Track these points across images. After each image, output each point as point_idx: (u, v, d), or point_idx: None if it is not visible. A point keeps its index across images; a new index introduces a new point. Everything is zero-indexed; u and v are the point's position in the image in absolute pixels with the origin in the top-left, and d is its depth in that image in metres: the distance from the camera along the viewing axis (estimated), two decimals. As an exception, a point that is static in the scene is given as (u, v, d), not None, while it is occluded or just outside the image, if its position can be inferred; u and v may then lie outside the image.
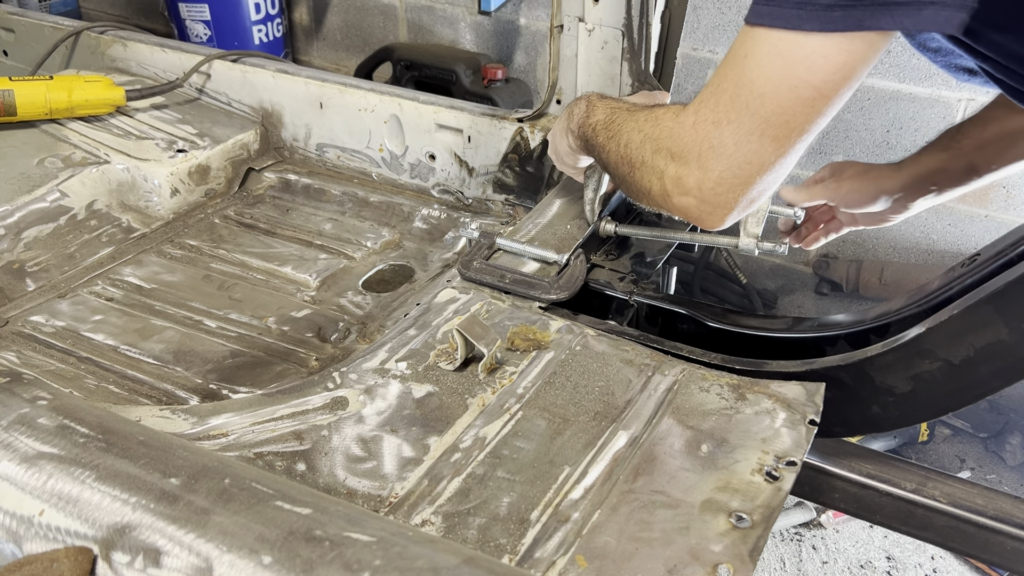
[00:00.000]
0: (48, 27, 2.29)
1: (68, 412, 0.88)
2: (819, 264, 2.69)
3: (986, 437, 2.59)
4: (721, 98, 0.94)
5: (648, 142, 1.05)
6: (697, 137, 0.96)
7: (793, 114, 0.90)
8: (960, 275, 1.17)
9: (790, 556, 2.31)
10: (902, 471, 1.20)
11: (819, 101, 0.89)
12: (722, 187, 0.96)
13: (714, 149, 0.95)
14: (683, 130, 0.99)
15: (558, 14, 1.64)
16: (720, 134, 0.94)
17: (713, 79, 0.96)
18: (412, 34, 3.26)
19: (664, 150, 1.02)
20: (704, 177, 0.96)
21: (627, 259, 1.45)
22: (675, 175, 1.00)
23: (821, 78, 0.87)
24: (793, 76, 0.88)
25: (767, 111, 0.90)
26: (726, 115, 0.93)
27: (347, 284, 1.65)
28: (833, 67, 0.87)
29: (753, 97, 0.90)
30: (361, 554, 0.71)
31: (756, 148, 0.92)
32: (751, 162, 0.93)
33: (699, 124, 0.96)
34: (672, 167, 1.00)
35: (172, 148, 1.89)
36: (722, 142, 0.94)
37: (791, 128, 0.91)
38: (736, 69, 0.92)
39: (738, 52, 0.92)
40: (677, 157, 0.99)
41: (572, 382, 1.13)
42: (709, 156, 0.95)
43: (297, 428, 1.06)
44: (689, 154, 0.97)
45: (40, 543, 0.78)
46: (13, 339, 1.45)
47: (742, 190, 0.96)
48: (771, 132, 0.91)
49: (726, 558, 0.83)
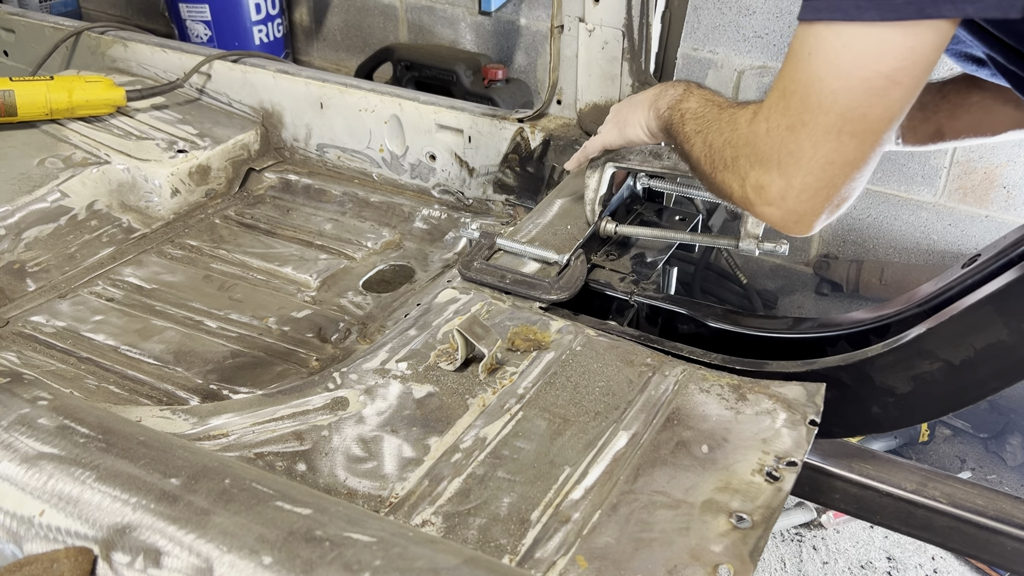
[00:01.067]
0: (48, 27, 2.29)
1: (68, 412, 0.88)
2: (819, 264, 2.69)
3: (986, 437, 2.59)
4: (791, 101, 0.90)
5: (728, 147, 1.02)
6: (773, 144, 0.93)
7: (869, 107, 0.86)
8: (960, 276, 1.17)
9: (790, 556, 2.31)
10: (902, 471, 1.20)
11: (893, 90, 0.86)
12: (807, 193, 0.92)
13: (792, 155, 0.91)
14: (758, 137, 0.95)
15: (558, 14, 1.64)
16: (796, 138, 0.90)
17: (778, 82, 0.93)
18: (412, 34, 3.26)
19: (744, 157, 0.98)
20: (787, 185, 0.93)
21: (627, 259, 1.45)
22: (756, 183, 0.96)
23: (891, 66, 0.84)
24: (863, 67, 0.85)
25: (841, 107, 0.87)
26: (799, 117, 0.90)
27: (347, 284, 1.65)
28: (902, 54, 0.83)
29: (825, 95, 0.87)
30: (361, 554, 0.71)
31: (836, 147, 0.89)
32: (833, 162, 0.90)
33: (772, 131, 0.93)
34: (753, 175, 0.96)
35: (172, 148, 1.89)
36: (800, 146, 0.90)
37: (869, 121, 0.87)
38: (802, 69, 0.89)
39: (800, 51, 0.89)
40: (757, 165, 0.96)
41: (572, 382, 1.13)
42: (789, 163, 0.92)
43: (297, 428, 1.06)
44: (769, 162, 0.94)
45: (40, 543, 0.78)
46: (13, 339, 1.45)
47: (828, 193, 0.92)
48: (849, 128, 0.88)
49: (726, 558, 0.83)
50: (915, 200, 2.49)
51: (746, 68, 2.60)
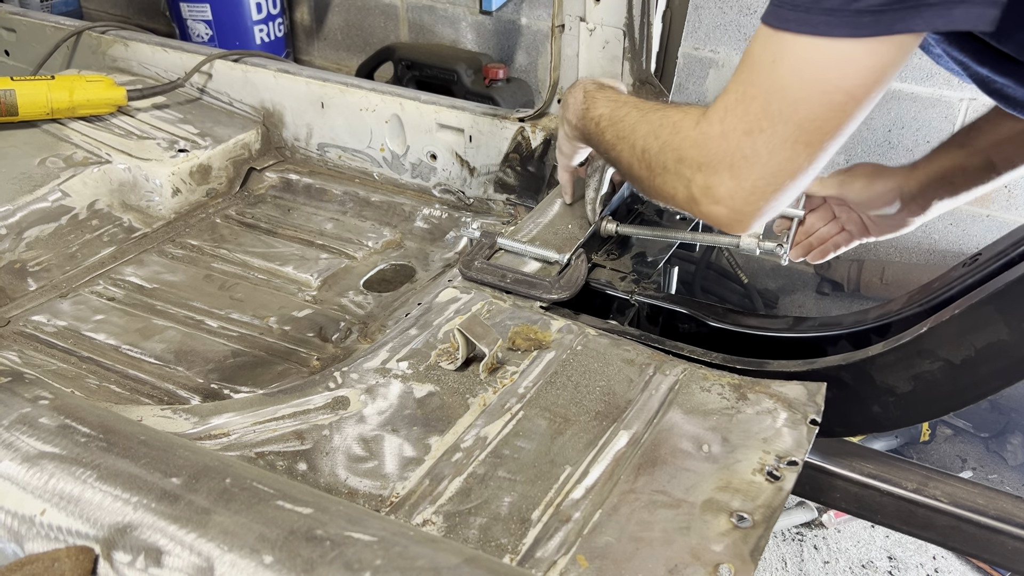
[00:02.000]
0: (49, 27, 2.29)
1: (69, 412, 0.88)
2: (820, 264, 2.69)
3: (987, 437, 2.59)
4: (751, 106, 0.92)
5: (668, 150, 1.03)
6: (727, 147, 0.94)
7: (826, 119, 0.89)
8: (961, 275, 1.17)
9: (791, 556, 2.31)
10: (903, 471, 1.20)
11: (851, 105, 0.88)
12: (755, 195, 0.95)
13: (747, 159, 0.93)
14: (710, 140, 0.97)
15: (559, 14, 1.64)
16: (753, 143, 0.92)
17: (735, 85, 0.94)
18: (413, 34, 3.26)
19: (689, 159, 1.00)
20: (737, 187, 0.95)
21: (628, 259, 1.45)
22: (704, 184, 0.98)
23: (853, 83, 0.86)
24: (825, 82, 0.87)
25: (801, 118, 0.89)
26: (758, 123, 0.91)
27: (348, 284, 1.65)
28: (865, 71, 0.86)
29: (786, 104, 0.89)
30: (362, 554, 0.71)
31: (790, 155, 0.91)
32: (785, 169, 0.92)
33: (728, 134, 0.94)
34: (700, 176, 0.98)
35: (173, 148, 1.89)
36: (756, 151, 0.92)
37: (824, 133, 0.90)
38: (764, 75, 0.91)
39: (763, 57, 0.91)
40: (705, 167, 0.97)
41: (573, 382, 1.13)
42: (742, 166, 0.94)
43: (298, 428, 1.06)
44: (720, 164, 0.96)
45: (41, 542, 0.78)
46: (15, 339, 1.45)
47: (773, 196, 0.95)
48: (805, 138, 0.90)
49: (727, 558, 0.83)
50: (916, 199, 2.49)
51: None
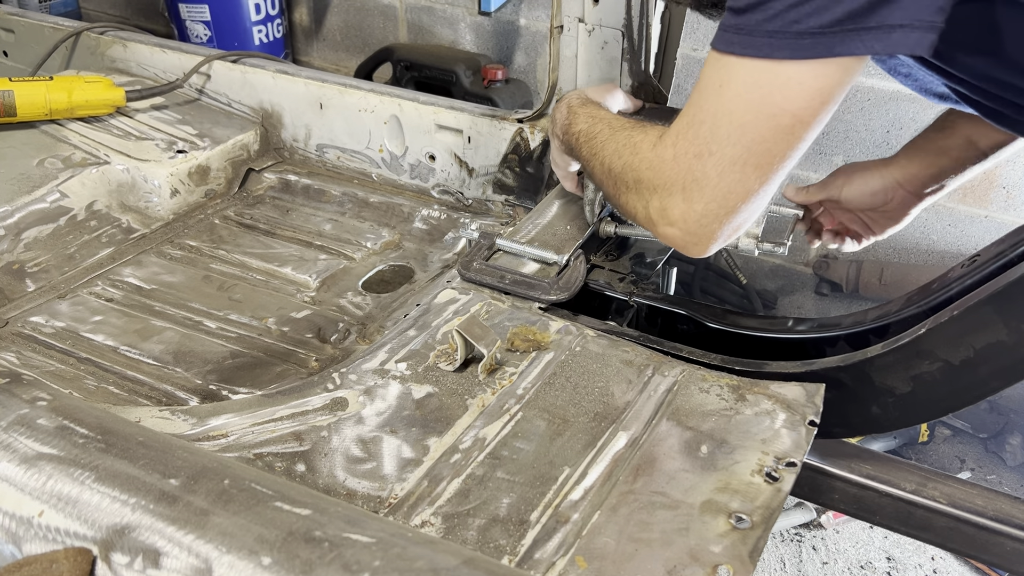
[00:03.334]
0: (48, 28, 2.29)
1: (68, 413, 0.88)
2: (819, 265, 2.69)
3: (986, 438, 2.59)
4: (700, 130, 0.94)
5: (629, 170, 1.06)
6: (679, 170, 0.96)
7: (774, 142, 0.90)
8: (960, 276, 1.17)
9: (790, 557, 2.31)
10: (902, 472, 1.20)
11: (799, 128, 0.89)
12: (707, 218, 0.96)
13: (697, 181, 0.95)
14: (663, 163, 0.99)
15: (558, 15, 1.64)
16: (703, 166, 0.94)
17: (688, 109, 0.96)
18: (412, 35, 3.26)
19: (646, 181, 1.02)
20: (689, 209, 0.97)
21: (627, 260, 1.45)
22: (659, 206, 1.00)
23: (799, 105, 0.88)
24: (771, 104, 0.88)
25: (748, 140, 0.90)
26: (707, 147, 0.93)
27: (347, 285, 1.65)
28: (809, 93, 0.87)
29: (733, 128, 0.91)
30: (360, 555, 0.70)
31: (739, 178, 0.93)
32: (735, 192, 0.94)
33: (680, 157, 0.96)
34: (656, 199, 1.01)
35: (172, 149, 1.89)
36: (705, 174, 0.94)
37: (773, 156, 0.91)
38: (712, 100, 0.93)
39: (711, 82, 0.93)
40: (660, 189, 1.00)
41: (572, 383, 1.13)
42: (693, 189, 0.95)
43: (297, 429, 1.06)
44: (672, 186, 0.98)
45: (39, 544, 0.78)
46: (13, 340, 1.45)
47: (726, 219, 0.97)
48: (753, 161, 0.91)
49: (726, 559, 0.83)
50: (915, 200, 2.49)
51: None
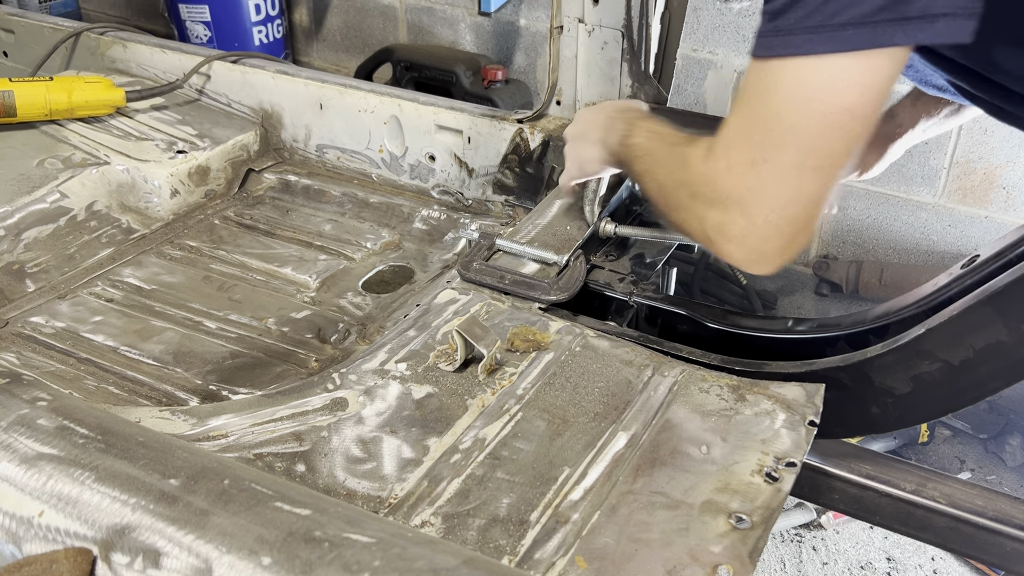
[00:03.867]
0: (48, 28, 2.29)
1: (68, 413, 0.88)
2: (819, 265, 2.69)
3: (986, 438, 2.59)
4: (752, 138, 0.89)
5: (682, 187, 1.00)
6: (734, 181, 0.91)
7: (830, 140, 0.86)
8: (960, 276, 1.17)
9: (790, 557, 2.31)
10: (902, 472, 1.20)
11: (853, 123, 0.85)
12: (768, 229, 0.90)
13: (754, 191, 0.89)
14: (717, 176, 0.93)
15: (558, 15, 1.64)
16: (758, 175, 0.88)
17: (734, 118, 0.92)
18: (412, 35, 3.26)
19: (700, 196, 0.96)
20: (748, 223, 0.91)
21: (627, 260, 1.45)
22: (717, 223, 0.94)
23: (849, 99, 0.84)
24: (820, 102, 0.84)
25: (802, 142, 0.86)
26: (760, 154, 0.88)
27: (347, 285, 1.65)
28: (858, 87, 0.83)
29: (785, 131, 0.86)
30: (360, 555, 0.71)
31: (799, 183, 0.88)
32: (796, 199, 0.89)
33: (733, 167, 0.91)
34: (713, 214, 0.94)
35: (172, 149, 1.89)
36: (762, 183, 0.88)
37: (830, 156, 0.87)
38: (760, 106, 0.89)
39: (756, 88, 0.89)
40: (716, 204, 0.93)
41: (572, 383, 1.13)
42: (750, 200, 0.90)
43: (297, 429, 1.06)
44: (729, 199, 0.92)
45: (40, 544, 0.78)
46: (13, 340, 1.45)
47: (788, 230, 0.90)
48: (811, 163, 0.87)
49: (726, 559, 0.83)
50: (914, 201, 2.50)
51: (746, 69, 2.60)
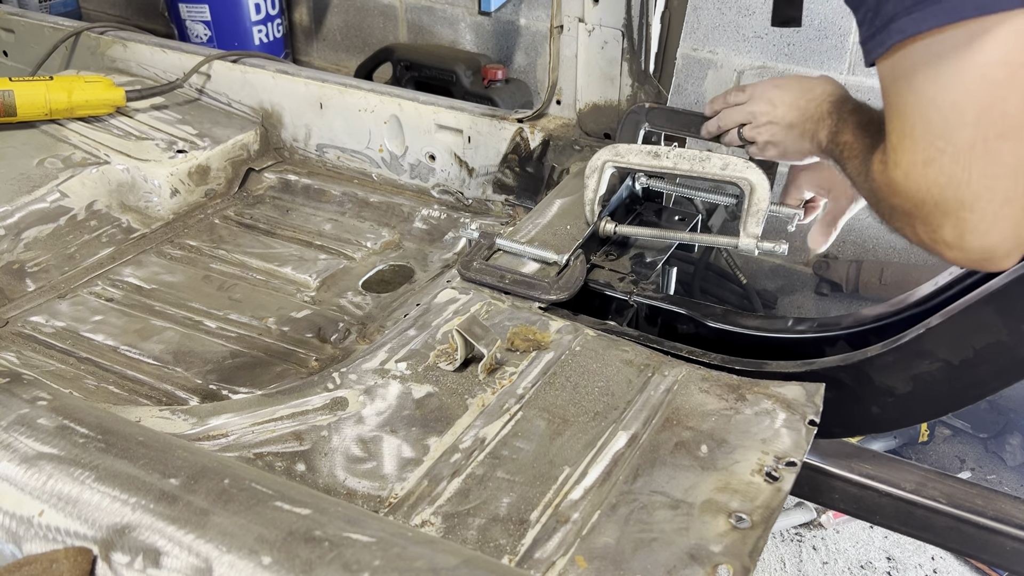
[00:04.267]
0: (48, 28, 2.29)
1: (68, 413, 0.88)
2: (819, 265, 2.69)
3: (986, 437, 2.59)
4: (914, 134, 0.82)
5: (880, 201, 0.93)
6: (917, 186, 0.83)
7: (1003, 99, 0.76)
8: (960, 275, 1.17)
9: (790, 556, 2.31)
10: (902, 471, 1.20)
11: (1019, 71, 0.75)
12: (986, 220, 0.80)
13: (945, 188, 0.80)
14: (897, 187, 0.86)
15: (558, 14, 1.64)
16: (941, 170, 0.80)
17: (890, 124, 0.86)
18: (412, 34, 3.26)
19: (898, 211, 0.89)
20: (958, 224, 0.82)
21: (627, 259, 1.45)
22: (927, 232, 0.86)
23: (999, 52, 0.74)
24: (970, 66, 0.76)
25: (972, 115, 0.77)
26: (933, 147, 0.80)
27: (347, 284, 1.65)
28: (1004, 38, 0.74)
29: (947, 112, 0.78)
30: (360, 554, 0.71)
31: (990, 159, 0.78)
32: (996, 175, 0.78)
33: (910, 174, 0.83)
34: (918, 226, 0.87)
35: (172, 148, 1.89)
36: (949, 177, 0.80)
37: (1012, 115, 0.76)
38: (907, 99, 0.81)
39: (894, 85, 0.83)
40: (913, 214, 0.86)
41: (572, 382, 1.13)
42: (946, 199, 0.81)
43: (297, 429, 1.06)
44: (923, 207, 0.84)
45: (40, 543, 0.78)
46: (13, 339, 1.45)
47: (1010, 212, 0.80)
48: (993, 132, 0.77)
49: (726, 559, 0.83)
50: (915, 200, 2.49)
51: (746, 68, 2.60)
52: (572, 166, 1.73)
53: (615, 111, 1.70)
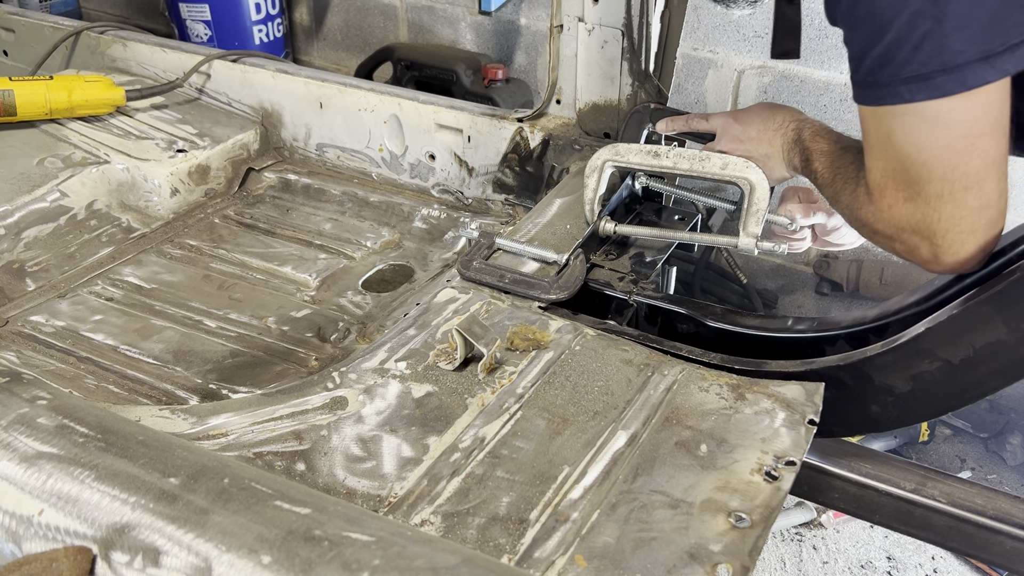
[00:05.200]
0: (48, 27, 2.29)
1: (68, 412, 0.88)
2: (819, 264, 2.69)
3: (986, 437, 2.59)
4: (896, 178, 0.98)
5: (863, 225, 1.09)
6: (900, 217, 1.00)
7: (965, 163, 0.92)
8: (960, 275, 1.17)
9: (790, 556, 2.31)
10: (902, 471, 1.20)
11: (979, 141, 0.91)
12: (955, 245, 0.98)
13: (923, 221, 0.98)
14: (883, 215, 1.02)
15: (558, 14, 1.64)
16: (917, 207, 0.97)
17: (873, 163, 1.01)
18: (412, 34, 3.26)
19: (882, 232, 1.05)
20: (933, 245, 0.99)
21: (627, 259, 1.45)
22: (906, 250, 1.03)
23: (964, 128, 0.90)
24: (938, 138, 0.91)
25: (940, 173, 0.93)
26: (910, 190, 0.97)
27: (347, 284, 1.65)
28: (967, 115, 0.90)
29: (919, 169, 0.94)
30: (360, 554, 0.71)
31: (955, 205, 0.95)
32: (962, 216, 0.95)
33: (894, 206, 1.00)
34: (898, 245, 1.04)
35: (172, 148, 1.89)
36: (925, 214, 0.97)
37: (973, 173, 0.92)
38: (890, 150, 0.97)
39: (878, 134, 0.98)
40: (896, 236, 1.03)
41: (571, 382, 1.13)
42: (924, 228, 0.98)
43: (296, 428, 1.06)
44: (905, 231, 1.01)
45: (39, 543, 0.78)
46: (13, 339, 1.45)
47: (973, 236, 0.97)
48: (959, 185, 0.93)
49: (725, 558, 0.83)
50: (915, 200, 2.49)
51: (746, 68, 2.60)
52: (572, 165, 1.73)
53: (615, 111, 1.70)
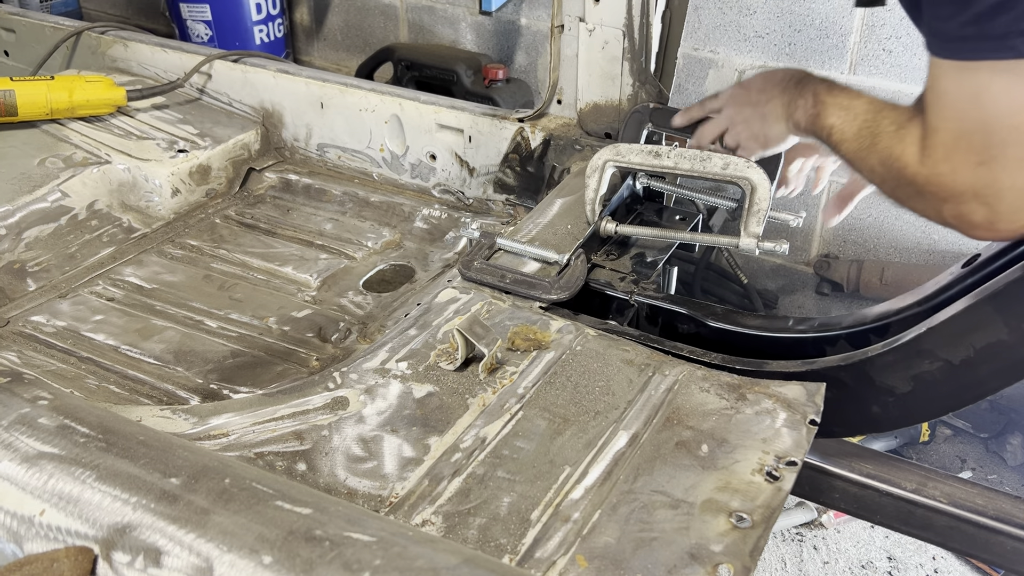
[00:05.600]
0: (49, 27, 2.29)
1: (69, 412, 0.88)
2: (820, 264, 2.69)
3: (987, 437, 2.59)
4: (973, 140, 0.95)
5: (904, 185, 1.04)
6: (965, 181, 0.97)
7: None
8: (960, 275, 1.17)
9: (791, 556, 2.31)
10: (902, 471, 1.20)
11: None
12: (1014, 212, 0.96)
13: (991, 186, 0.96)
14: (942, 178, 0.99)
15: (559, 14, 1.64)
16: (991, 172, 0.95)
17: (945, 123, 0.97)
18: (413, 34, 3.26)
19: (929, 195, 1.01)
20: (992, 211, 0.97)
21: (628, 259, 1.45)
22: (955, 213, 1.00)
23: None
24: None
25: None
26: (988, 153, 0.94)
27: (348, 284, 1.65)
28: None
29: (1009, 131, 0.92)
30: (361, 554, 0.71)
31: None
32: None
33: (959, 170, 0.97)
34: (949, 207, 1.00)
35: (173, 148, 1.89)
36: (996, 178, 0.95)
37: None
38: (974, 110, 0.94)
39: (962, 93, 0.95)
40: (950, 200, 0.99)
41: (572, 382, 1.13)
42: (989, 194, 0.96)
43: (298, 428, 1.06)
44: (964, 196, 0.98)
45: (41, 543, 0.78)
46: (14, 339, 1.45)
47: None
48: None
49: (726, 558, 0.83)
50: (916, 200, 2.49)
51: (747, 68, 2.60)
52: (573, 166, 1.73)
53: (616, 111, 1.70)
